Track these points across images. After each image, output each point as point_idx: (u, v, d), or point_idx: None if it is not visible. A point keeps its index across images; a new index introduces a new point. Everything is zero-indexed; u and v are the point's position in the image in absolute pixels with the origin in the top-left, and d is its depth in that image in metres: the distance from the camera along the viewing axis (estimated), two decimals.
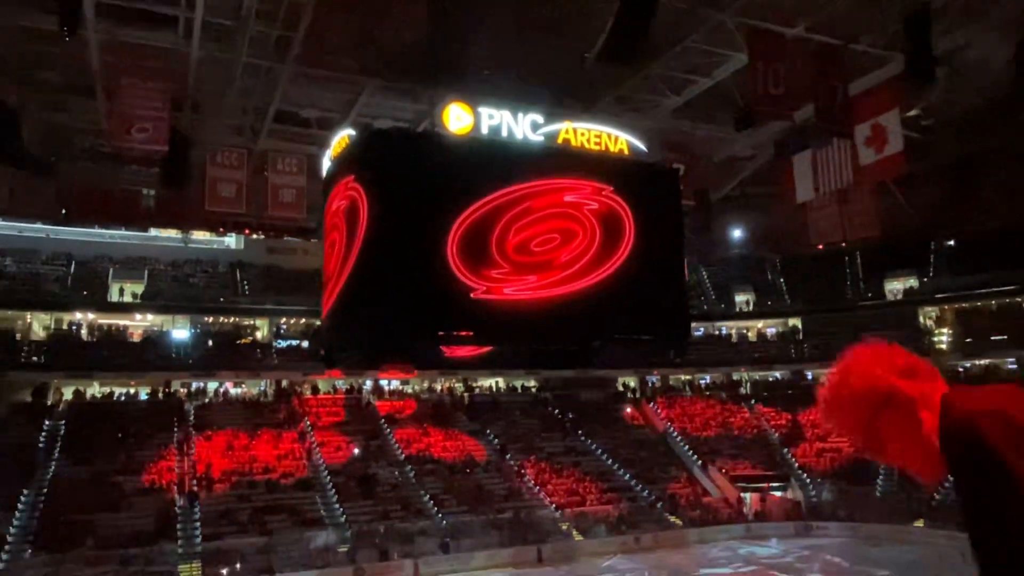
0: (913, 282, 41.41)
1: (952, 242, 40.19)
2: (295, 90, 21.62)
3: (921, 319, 40.91)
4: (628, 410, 41.64)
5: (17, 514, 25.95)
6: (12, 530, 25.26)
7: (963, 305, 39.32)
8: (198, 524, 27.21)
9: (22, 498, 26.62)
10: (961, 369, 38.28)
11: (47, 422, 30.90)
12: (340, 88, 21.83)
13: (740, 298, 45.91)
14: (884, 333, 40.73)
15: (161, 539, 26.10)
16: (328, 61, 20.04)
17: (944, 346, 39.42)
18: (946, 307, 40.21)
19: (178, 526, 26.98)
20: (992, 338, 37.55)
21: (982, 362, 38.01)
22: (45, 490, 27.25)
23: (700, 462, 36.94)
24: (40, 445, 29.48)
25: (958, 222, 37.67)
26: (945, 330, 40.09)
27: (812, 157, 20.95)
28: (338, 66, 20.27)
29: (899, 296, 41.50)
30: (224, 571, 25.32)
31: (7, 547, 24.56)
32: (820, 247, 28.26)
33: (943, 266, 40.51)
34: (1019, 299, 37.14)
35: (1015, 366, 36.90)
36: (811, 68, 16.98)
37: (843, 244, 27.65)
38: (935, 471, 1.35)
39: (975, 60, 21.36)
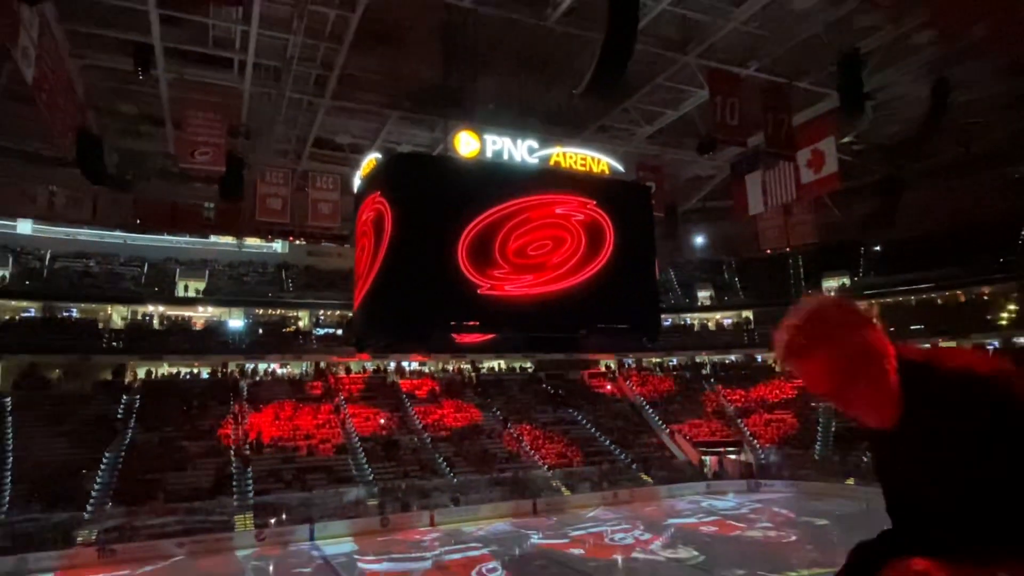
0: (846, 281, 41.48)
1: (878, 247, 40.24)
2: (331, 120, 21.64)
3: None
4: (608, 387, 41.68)
5: (100, 473, 26.06)
6: (96, 486, 25.38)
7: (887, 300, 39.35)
8: (250, 481, 27.30)
9: (104, 460, 26.72)
10: None
11: (124, 397, 30.97)
12: (368, 118, 21.84)
13: (702, 294, 45.98)
14: None
15: (219, 494, 26.21)
16: (358, 96, 20.06)
17: None
18: (873, 302, 40.20)
19: (233, 483, 27.07)
20: (911, 327, 37.63)
21: None
22: (123, 453, 27.35)
23: (668, 430, 37.01)
24: (119, 416, 29.58)
25: (883, 231, 37.75)
26: (873, 321, 40.11)
27: (762, 176, 20.98)
28: (367, 100, 20.28)
29: (834, 292, 41.51)
30: (272, 521, 25.43)
31: (92, 500, 24.70)
32: (768, 251, 28.23)
33: (871, 267, 40.60)
34: (933, 295, 37.25)
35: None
36: (761, 102, 16.98)
37: (787, 249, 27.66)
38: (891, 418, 1.29)
39: (897, 97, 21.37)
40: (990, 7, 12.34)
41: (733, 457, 34.85)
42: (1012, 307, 34.34)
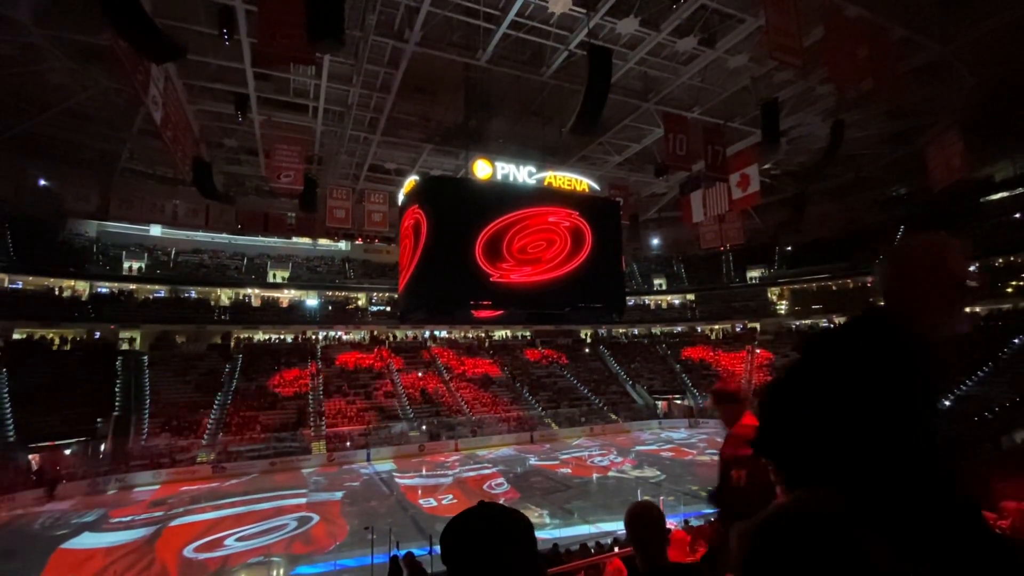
0: (764, 272, 41.18)
1: (789, 247, 39.95)
2: (381, 151, 21.57)
3: (769, 295, 40.76)
4: (586, 350, 41.72)
5: (213, 411, 26.31)
6: (210, 420, 25.62)
7: (795, 286, 39.15)
8: (323, 418, 27.51)
9: (216, 401, 26.97)
10: (793, 326, 38.29)
11: (230, 356, 31.18)
12: (408, 150, 21.77)
13: (656, 281, 45.71)
14: (745, 304, 40.77)
15: (300, 427, 26.44)
16: (401, 133, 19.96)
17: (782, 311, 39.33)
18: (784, 287, 40.04)
19: (311, 419, 27.29)
20: (812, 307, 37.56)
21: (806, 322, 37.98)
22: (230, 396, 27.58)
23: (631, 382, 37.07)
24: (226, 369, 29.78)
25: (792, 235, 37.58)
26: (783, 302, 39.95)
27: (703, 193, 20.81)
28: (407, 136, 20.19)
29: (755, 280, 41.29)
30: (340, 446, 25.65)
31: (207, 430, 24.95)
32: (707, 249, 28.07)
33: (783, 262, 40.29)
34: (830, 283, 37.01)
35: (827, 324, 36.89)
36: (702, 138, 16.82)
37: (721, 248, 27.50)
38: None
39: (805, 134, 21.14)
40: (874, 67, 12.14)
41: (678, 402, 34.94)
42: None
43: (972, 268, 1.18)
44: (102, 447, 22.50)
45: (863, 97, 17.68)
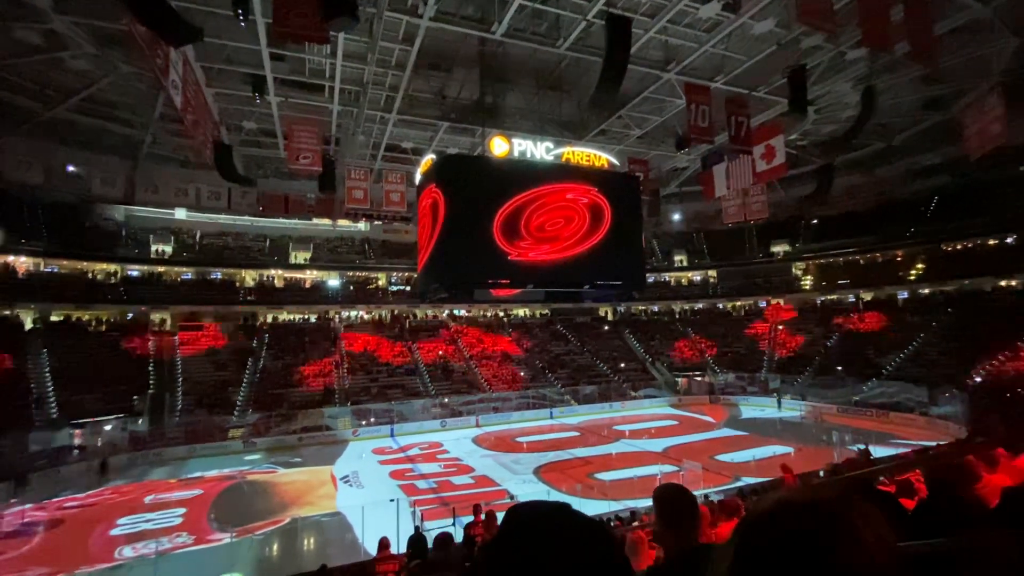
0: (789, 246, 40.21)
1: (815, 221, 38.87)
2: (397, 130, 21.45)
3: (794, 270, 39.89)
4: (605, 328, 41.61)
5: (242, 388, 27.14)
6: (240, 398, 26.47)
7: (820, 261, 38.20)
8: (347, 395, 28.11)
9: (244, 379, 27.77)
10: (819, 301, 37.55)
11: (257, 335, 31.94)
12: (425, 128, 21.60)
13: (677, 258, 45.06)
14: (768, 279, 39.98)
15: (325, 403, 27.11)
16: (417, 111, 19.79)
17: (808, 287, 38.53)
18: (810, 262, 39.11)
19: (335, 396, 27.94)
20: (838, 282, 36.68)
21: (832, 297, 37.19)
22: (258, 375, 28.37)
23: (650, 359, 36.95)
24: (253, 348, 30.55)
25: (818, 208, 36.53)
26: (809, 277, 39.07)
27: (726, 167, 20.25)
28: (423, 115, 20.01)
29: (780, 255, 40.39)
30: (363, 422, 26.29)
31: (237, 407, 25.80)
32: (729, 224, 27.41)
33: (808, 236, 39.27)
34: (856, 257, 36.01)
35: (853, 299, 36.10)
36: (726, 108, 16.28)
37: (747, 221, 26.81)
38: None
39: (833, 103, 20.35)
40: (910, 29, 11.50)
41: (698, 378, 34.76)
42: (920, 266, 33.08)
43: None
44: (139, 422, 23.49)
45: (897, 62, 16.88)
